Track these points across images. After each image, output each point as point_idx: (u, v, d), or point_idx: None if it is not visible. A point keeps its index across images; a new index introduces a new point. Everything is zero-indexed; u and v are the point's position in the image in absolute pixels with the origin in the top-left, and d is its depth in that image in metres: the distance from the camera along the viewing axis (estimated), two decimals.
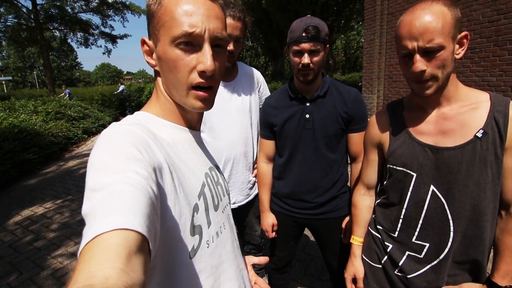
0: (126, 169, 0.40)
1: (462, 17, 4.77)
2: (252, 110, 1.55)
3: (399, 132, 0.92)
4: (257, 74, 1.63)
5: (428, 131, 0.86)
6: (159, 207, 0.43)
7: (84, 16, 17.91)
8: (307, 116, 1.29)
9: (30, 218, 3.55)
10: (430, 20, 0.74)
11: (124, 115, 13.23)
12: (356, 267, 1.08)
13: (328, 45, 1.25)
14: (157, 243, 0.41)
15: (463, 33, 0.79)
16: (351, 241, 1.13)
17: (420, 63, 0.76)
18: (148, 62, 0.59)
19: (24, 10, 15.43)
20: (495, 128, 0.78)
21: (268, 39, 16.80)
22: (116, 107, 12.88)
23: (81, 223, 3.26)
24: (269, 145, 1.43)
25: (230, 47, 1.33)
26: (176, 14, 0.52)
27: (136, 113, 0.60)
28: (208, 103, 0.58)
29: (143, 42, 0.59)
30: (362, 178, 1.11)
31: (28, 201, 4.09)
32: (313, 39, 1.15)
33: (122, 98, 13.45)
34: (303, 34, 1.15)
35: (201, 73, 0.53)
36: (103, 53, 20.08)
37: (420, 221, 0.89)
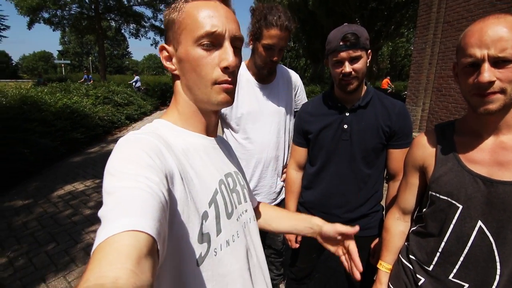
0: (138, 174, 0.43)
1: None
2: (287, 114, 1.51)
3: (447, 157, 0.83)
4: (295, 78, 1.59)
5: (482, 160, 0.77)
6: (168, 213, 0.45)
7: (138, 8, 18.96)
8: (345, 126, 1.22)
9: (72, 193, 3.85)
10: (505, 29, 0.66)
11: (165, 104, 13.86)
12: None
13: (370, 51, 1.17)
14: (165, 248, 0.42)
15: None
16: (378, 266, 1.05)
17: (489, 73, 0.67)
18: (167, 67, 0.61)
19: (87, 0, 16.77)
20: None
21: (311, 41, 16.51)
22: (158, 97, 13.53)
23: None
24: (301, 153, 1.39)
25: (276, 57, 1.32)
26: (199, 17, 0.56)
27: (154, 121, 0.62)
28: (231, 96, 0.61)
29: (162, 49, 0.61)
30: (399, 201, 1.02)
31: (72, 177, 4.44)
32: (352, 46, 1.09)
33: (164, 88, 14.06)
34: (341, 43, 1.10)
35: (224, 69, 0.57)
36: (151, 45, 21.17)
37: (461, 258, 0.79)
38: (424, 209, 0.90)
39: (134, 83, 13.63)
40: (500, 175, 0.73)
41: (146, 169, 0.44)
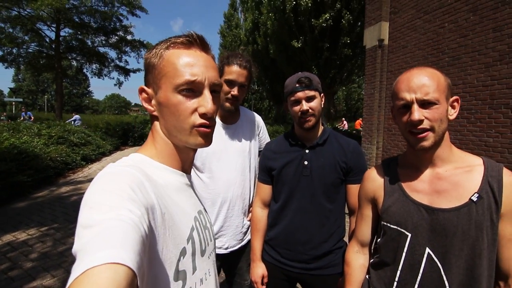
0: (120, 207, 0.42)
1: (458, 80, 5.02)
2: (251, 153, 1.56)
3: (394, 188, 0.92)
4: (258, 119, 1.68)
5: (423, 189, 0.86)
6: (148, 247, 0.44)
7: (102, 49, 18.91)
8: (306, 162, 1.29)
9: (11, 244, 3.38)
10: (427, 78, 0.80)
11: (126, 144, 13.30)
12: None
13: (322, 94, 1.31)
14: (144, 283, 0.41)
15: (454, 97, 0.85)
16: None
17: (418, 112, 0.79)
18: (147, 108, 0.62)
19: (47, 39, 16.44)
20: (490, 193, 0.78)
21: (273, 85, 17.58)
22: (119, 137, 13.01)
23: (62, 255, 3.10)
24: (266, 190, 1.42)
25: (235, 92, 1.40)
26: (178, 65, 0.58)
27: (131, 155, 0.61)
28: (209, 139, 0.63)
29: (142, 91, 0.63)
30: (356, 234, 1.07)
31: (12, 225, 3.93)
32: (307, 87, 1.23)
33: (126, 128, 13.62)
34: (297, 85, 1.24)
35: (203, 115, 0.59)
36: (115, 85, 20.89)
37: (416, 286, 0.84)
38: (379, 240, 0.96)
39: (73, 122, 12.99)
40: (439, 203, 0.83)
41: (128, 202, 0.43)
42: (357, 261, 1.05)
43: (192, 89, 0.58)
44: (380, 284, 0.93)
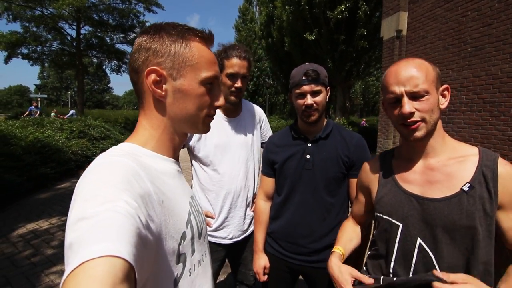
0: (116, 198, 0.41)
1: (481, 71, 4.79)
2: (254, 145, 1.57)
3: (387, 180, 0.92)
4: (259, 112, 1.69)
5: (415, 180, 0.85)
6: (149, 237, 0.43)
7: (120, 46, 19.38)
8: (308, 156, 1.28)
9: (34, 232, 3.58)
10: (415, 69, 0.79)
11: None
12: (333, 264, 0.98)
13: (328, 87, 1.29)
14: (145, 274, 0.41)
15: (444, 86, 0.83)
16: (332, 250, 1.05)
17: (408, 105, 0.78)
18: (154, 91, 0.59)
19: (69, 37, 17.05)
20: (483, 183, 0.76)
21: (288, 79, 17.39)
22: None
23: None
24: (269, 183, 1.42)
25: (238, 84, 1.40)
26: (208, 60, 0.63)
27: (121, 144, 0.60)
28: (210, 127, 0.71)
29: (153, 72, 0.57)
30: (352, 214, 1.13)
31: (36, 214, 4.16)
32: (313, 81, 1.20)
33: None
34: (303, 78, 1.21)
35: (218, 107, 0.67)
36: None
37: (410, 276, 0.83)
38: (374, 232, 0.95)
39: (70, 116, 13.38)
40: (430, 193, 0.81)
41: (124, 193, 0.42)
42: (350, 226, 1.14)
43: (212, 84, 0.64)
44: (377, 275, 0.92)
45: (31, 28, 15.77)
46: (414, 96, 0.78)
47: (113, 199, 0.40)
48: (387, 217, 0.87)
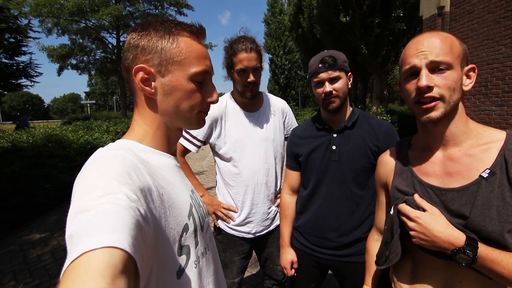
0: (115, 191, 0.41)
1: None
2: (276, 140, 1.54)
3: (403, 170, 0.84)
4: (282, 104, 1.64)
5: (433, 172, 0.77)
6: (148, 230, 0.44)
7: None
8: (334, 147, 1.23)
9: None
10: (439, 40, 0.70)
11: None
12: None
13: (350, 73, 1.22)
14: (146, 267, 0.41)
15: (470, 65, 0.72)
16: None
17: (427, 78, 0.69)
18: (144, 90, 0.59)
19: (110, 46, 18.31)
20: (504, 168, 0.66)
21: None
22: None
23: None
24: (294, 176, 1.39)
25: (251, 78, 1.37)
26: (196, 55, 0.61)
27: (117, 141, 0.61)
28: (205, 122, 0.70)
29: (140, 70, 0.58)
30: (375, 221, 1.01)
31: None
32: (330, 67, 1.15)
33: None
34: (320, 65, 1.16)
35: (211, 103, 0.66)
36: None
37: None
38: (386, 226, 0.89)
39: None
40: (449, 184, 0.73)
41: (124, 186, 0.43)
42: (376, 249, 0.99)
43: (203, 79, 0.63)
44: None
45: (77, 40, 17.20)
46: (434, 68, 0.69)
47: (112, 191, 0.41)
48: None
